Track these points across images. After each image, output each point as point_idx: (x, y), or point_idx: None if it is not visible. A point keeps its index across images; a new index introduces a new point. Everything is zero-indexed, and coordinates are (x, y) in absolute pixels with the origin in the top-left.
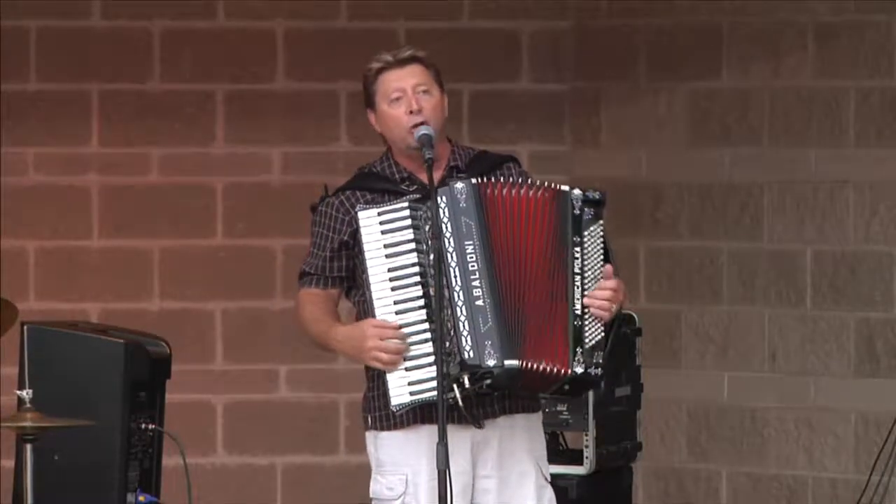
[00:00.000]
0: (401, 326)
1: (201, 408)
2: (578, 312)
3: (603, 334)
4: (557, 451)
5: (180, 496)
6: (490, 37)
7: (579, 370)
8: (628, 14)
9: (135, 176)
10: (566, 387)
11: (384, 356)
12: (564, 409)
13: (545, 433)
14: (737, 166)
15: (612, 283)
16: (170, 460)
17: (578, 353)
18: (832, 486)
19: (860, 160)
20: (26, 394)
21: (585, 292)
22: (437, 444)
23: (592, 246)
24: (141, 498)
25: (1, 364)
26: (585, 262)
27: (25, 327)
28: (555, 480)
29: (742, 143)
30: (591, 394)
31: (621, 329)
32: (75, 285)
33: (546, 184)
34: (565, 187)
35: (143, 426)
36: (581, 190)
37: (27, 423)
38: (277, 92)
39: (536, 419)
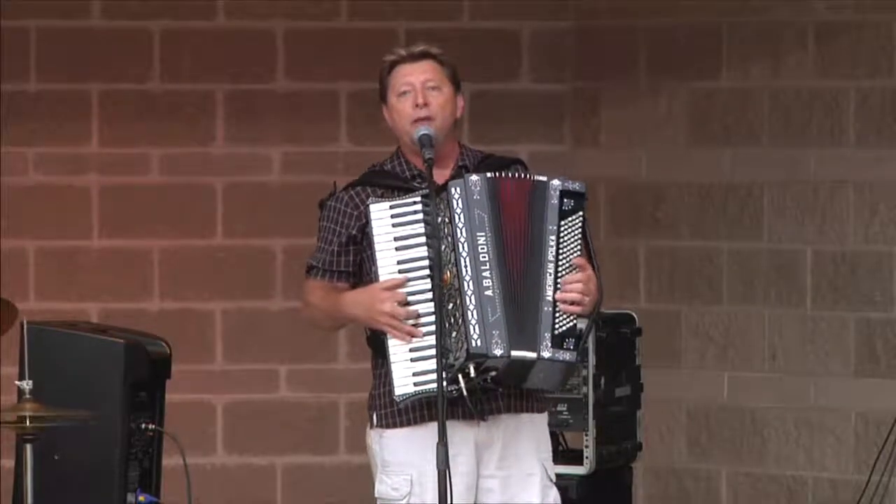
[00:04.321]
0: (408, 281)
1: (201, 408)
2: (549, 299)
3: (573, 323)
4: (557, 451)
5: (180, 496)
6: (490, 37)
7: (546, 354)
8: (628, 14)
9: (135, 176)
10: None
11: (397, 323)
12: (564, 409)
13: None
14: (737, 166)
15: (580, 275)
16: (170, 460)
17: (546, 337)
18: (832, 486)
19: (860, 160)
20: (26, 384)
21: (558, 281)
22: (437, 443)
23: (569, 236)
24: (141, 498)
25: (1, 364)
26: (561, 252)
27: (25, 327)
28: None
29: (742, 143)
30: (591, 394)
31: (620, 329)
32: (75, 285)
33: (526, 175)
34: (543, 177)
35: (143, 426)
36: (560, 181)
37: (27, 413)
38: (277, 92)
39: (542, 420)
